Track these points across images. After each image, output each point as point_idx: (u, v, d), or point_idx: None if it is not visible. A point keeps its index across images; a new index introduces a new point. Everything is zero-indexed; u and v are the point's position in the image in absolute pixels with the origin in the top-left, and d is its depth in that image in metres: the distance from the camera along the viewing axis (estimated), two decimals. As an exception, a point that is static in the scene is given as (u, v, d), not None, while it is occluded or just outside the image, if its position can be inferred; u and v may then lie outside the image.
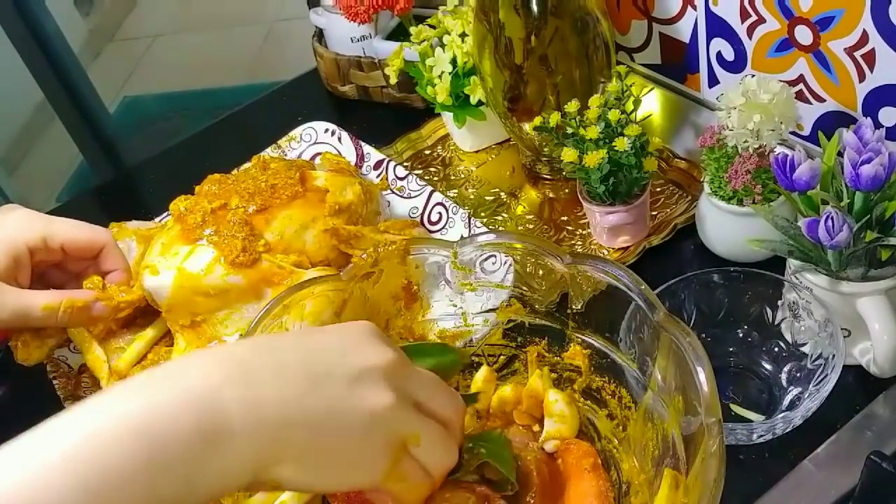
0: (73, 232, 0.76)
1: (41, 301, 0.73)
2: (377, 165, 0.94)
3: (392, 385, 0.50)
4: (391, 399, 0.50)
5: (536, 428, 0.68)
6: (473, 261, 0.69)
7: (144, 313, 0.82)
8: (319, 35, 1.14)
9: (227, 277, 0.75)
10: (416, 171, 0.99)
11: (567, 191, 0.94)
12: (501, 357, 0.72)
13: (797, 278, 0.72)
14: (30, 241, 0.74)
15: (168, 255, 0.76)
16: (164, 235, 0.79)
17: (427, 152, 1.03)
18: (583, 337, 0.67)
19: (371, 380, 0.50)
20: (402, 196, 0.91)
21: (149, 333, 0.81)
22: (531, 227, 0.92)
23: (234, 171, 0.85)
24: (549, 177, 0.95)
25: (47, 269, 0.78)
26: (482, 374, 0.70)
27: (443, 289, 0.71)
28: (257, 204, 0.78)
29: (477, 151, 1.02)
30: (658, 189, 0.91)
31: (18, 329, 0.77)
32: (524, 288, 0.70)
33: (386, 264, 0.68)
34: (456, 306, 0.71)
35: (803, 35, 0.78)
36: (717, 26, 0.85)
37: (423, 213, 0.90)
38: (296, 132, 1.00)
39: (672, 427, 0.58)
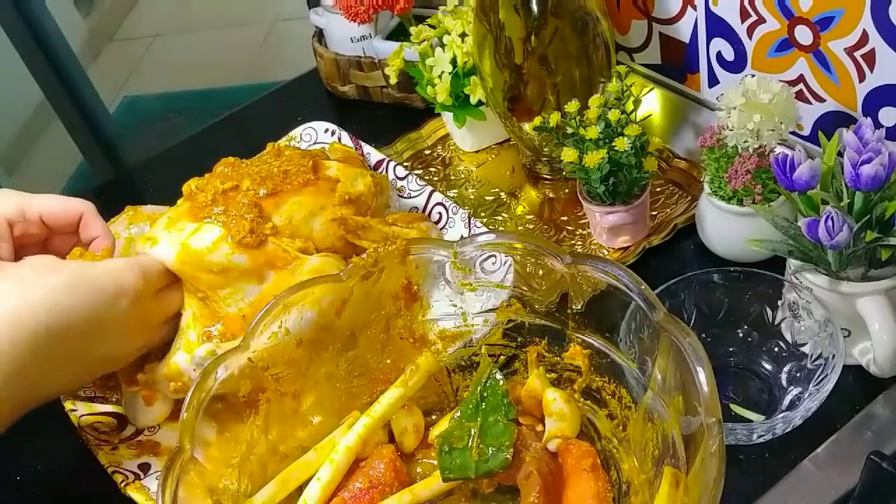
0: (50, 201, 0.76)
1: None
2: (377, 165, 0.94)
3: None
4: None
5: (540, 428, 0.68)
6: (473, 261, 0.69)
7: None
8: (319, 35, 1.14)
9: (232, 256, 0.75)
10: (416, 171, 0.99)
11: (567, 191, 0.94)
12: (501, 357, 0.72)
13: (797, 278, 0.72)
14: (7, 213, 0.74)
15: (173, 229, 0.76)
16: (172, 211, 0.79)
17: (427, 152, 1.03)
18: (583, 337, 0.67)
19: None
20: (402, 196, 0.91)
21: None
22: (531, 227, 0.92)
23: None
24: (549, 177, 0.95)
25: (35, 253, 0.77)
26: None
27: (443, 289, 0.71)
28: (268, 188, 0.78)
29: (477, 151, 1.02)
30: (658, 189, 0.91)
31: None
32: (524, 288, 0.70)
33: (386, 264, 0.68)
34: (456, 306, 0.71)
35: (803, 35, 0.78)
36: (717, 26, 0.85)
37: (423, 213, 0.90)
38: (296, 132, 1.00)
39: (672, 427, 0.58)
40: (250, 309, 0.74)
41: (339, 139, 0.97)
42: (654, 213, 0.89)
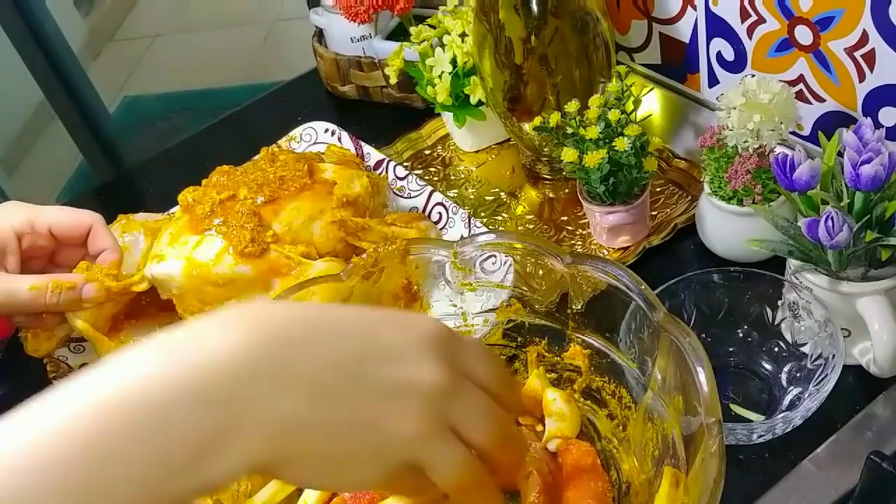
0: (59, 214, 0.76)
1: (28, 282, 0.73)
2: (377, 165, 0.94)
3: (427, 414, 0.44)
4: (417, 430, 0.43)
5: (540, 428, 0.68)
6: (473, 260, 0.69)
7: (152, 304, 0.82)
8: (319, 35, 1.14)
9: (235, 267, 0.75)
10: (416, 171, 0.99)
11: (567, 191, 0.94)
12: (501, 357, 0.72)
13: (797, 278, 0.72)
14: (16, 225, 0.74)
15: (177, 244, 0.77)
16: (173, 226, 0.79)
17: (427, 152, 1.03)
18: (583, 337, 0.67)
19: (406, 400, 0.43)
20: (402, 196, 0.91)
21: None
22: (531, 227, 0.92)
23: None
24: (549, 177, 0.95)
25: (42, 266, 0.78)
26: None
27: (443, 289, 0.71)
28: (266, 195, 0.78)
29: (477, 151, 1.02)
30: (658, 189, 0.91)
31: (10, 316, 0.76)
32: (524, 288, 0.70)
33: (386, 264, 0.68)
34: (456, 306, 0.71)
35: (803, 35, 0.78)
36: (717, 26, 0.85)
37: (421, 213, 0.90)
38: (296, 132, 1.00)
39: (672, 427, 0.58)
40: None
41: (339, 139, 0.97)
42: (654, 213, 0.89)
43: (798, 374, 0.72)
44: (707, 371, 0.55)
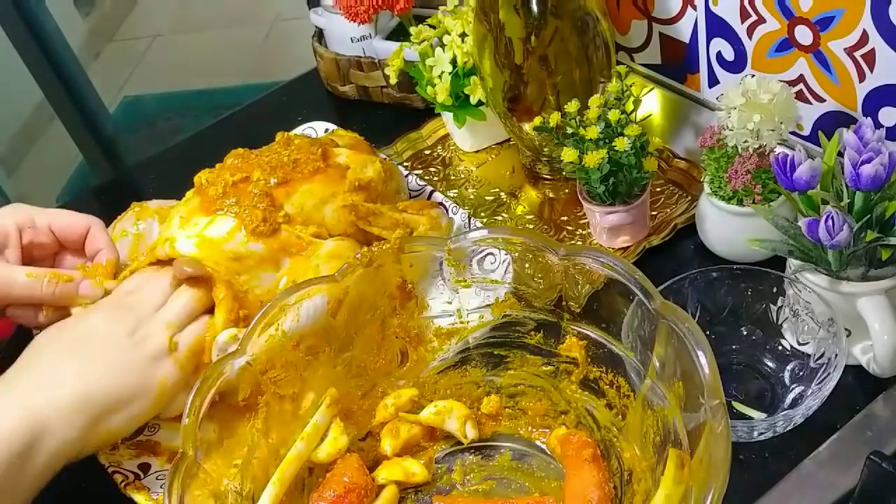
0: (60, 213, 0.78)
1: (25, 270, 0.74)
2: (377, 165, 0.94)
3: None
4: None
5: None
6: (469, 258, 0.69)
7: None
8: (319, 35, 1.14)
9: (247, 244, 0.75)
10: (416, 171, 0.99)
11: (567, 191, 0.94)
12: (495, 351, 0.72)
13: (798, 278, 0.72)
14: (18, 219, 0.75)
15: (187, 225, 0.77)
16: (183, 208, 0.79)
17: (427, 152, 1.03)
18: (579, 328, 0.67)
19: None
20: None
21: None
22: (531, 227, 0.92)
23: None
24: (549, 177, 0.95)
25: (44, 265, 0.78)
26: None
27: (441, 287, 0.71)
28: (279, 177, 0.78)
29: (477, 151, 1.02)
30: (658, 189, 0.91)
31: (5, 306, 0.77)
32: (522, 287, 0.70)
33: (381, 262, 0.68)
34: (451, 304, 0.71)
35: (803, 35, 0.78)
36: (717, 26, 0.85)
37: (433, 201, 0.89)
38: (296, 132, 1.00)
39: (673, 412, 0.58)
40: (268, 296, 0.74)
41: (340, 139, 0.97)
42: (654, 213, 0.89)
43: (801, 373, 0.72)
44: (708, 354, 0.55)
